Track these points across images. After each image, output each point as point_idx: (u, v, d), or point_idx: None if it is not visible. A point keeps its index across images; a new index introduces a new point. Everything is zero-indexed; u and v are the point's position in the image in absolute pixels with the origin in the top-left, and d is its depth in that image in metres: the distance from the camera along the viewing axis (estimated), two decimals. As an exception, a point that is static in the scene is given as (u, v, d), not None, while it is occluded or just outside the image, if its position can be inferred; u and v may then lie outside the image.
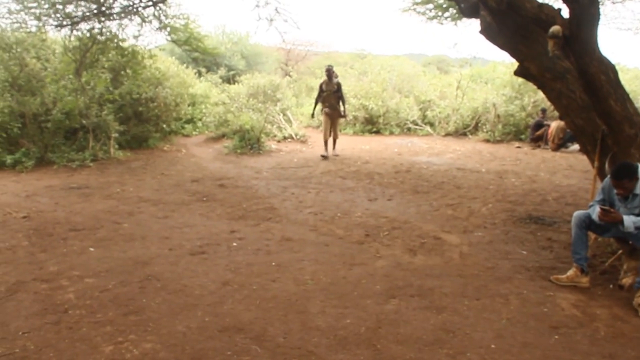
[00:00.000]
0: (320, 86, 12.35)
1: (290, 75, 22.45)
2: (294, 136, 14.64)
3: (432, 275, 5.07)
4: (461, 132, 16.29)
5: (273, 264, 5.28)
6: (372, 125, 16.77)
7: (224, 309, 4.27)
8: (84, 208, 7.47)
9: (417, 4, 11.20)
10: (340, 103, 12.24)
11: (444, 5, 10.95)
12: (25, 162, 10.52)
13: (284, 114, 15.57)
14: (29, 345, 3.75)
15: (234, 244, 5.93)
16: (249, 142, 12.68)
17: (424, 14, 11.49)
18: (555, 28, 4.96)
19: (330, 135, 12.37)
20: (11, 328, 4.00)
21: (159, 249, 5.73)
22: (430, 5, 11.20)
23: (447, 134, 16.34)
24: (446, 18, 11.39)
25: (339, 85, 12.13)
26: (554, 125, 13.50)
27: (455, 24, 11.63)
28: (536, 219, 7.01)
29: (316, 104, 12.52)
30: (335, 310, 4.22)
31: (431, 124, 16.99)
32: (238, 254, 5.57)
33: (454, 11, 10.83)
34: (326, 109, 12.18)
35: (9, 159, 10.49)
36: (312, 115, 13.81)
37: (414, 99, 17.79)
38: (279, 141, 14.18)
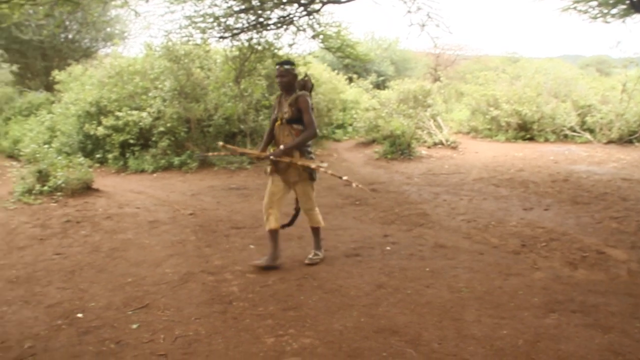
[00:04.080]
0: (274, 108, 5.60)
1: (440, 81, 22.19)
2: (444, 142, 14.44)
3: (596, 291, 4.76)
4: (626, 140, 15.06)
5: (427, 269, 5.26)
6: (525, 131, 16.07)
7: (378, 311, 4.33)
8: (243, 208, 7.91)
9: (578, 2, 10.61)
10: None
11: (611, 1, 10.24)
12: (190, 164, 11.37)
13: (434, 120, 15.41)
14: (201, 330, 4.06)
15: (388, 248, 5.98)
16: (399, 148, 12.70)
17: (586, 12, 10.84)
18: None
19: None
20: (185, 313, 4.37)
21: (315, 250, 5.93)
22: (594, 3, 10.54)
23: (610, 141, 15.20)
24: (613, 15, 10.64)
25: (302, 102, 5.20)
26: None
27: (624, 21, 10.82)
28: None
29: (265, 144, 5.58)
30: (491, 320, 4.12)
31: (591, 131, 15.90)
32: (392, 258, 5.62)
33: (623, 7, 10.10)
34: (269, 166, 5.47)
35: (176, 161, 11.41)
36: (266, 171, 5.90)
37: (572, 103, 16.74)
38: (429, 147, 14.07)
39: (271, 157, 5.23)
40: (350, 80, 20.55)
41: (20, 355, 3.81)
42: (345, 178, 5.43)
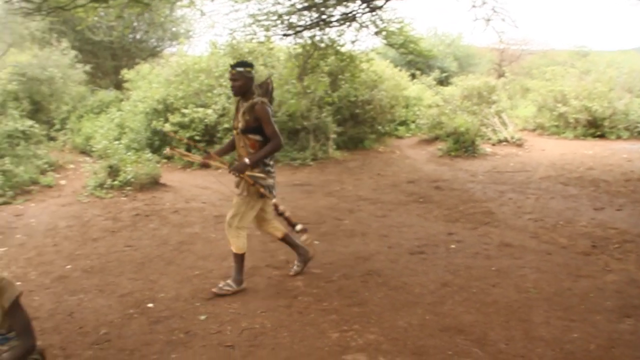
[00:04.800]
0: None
1: (504, 76, 21.68)
2: (509, 139, 14.10)
3: (675, 296, 4.58)
4: None
5: (493, 268, 5.18)
6: (595, 128, 15.47)
7: (444, 309, 4.30)
8: (308, 204, 7.99)
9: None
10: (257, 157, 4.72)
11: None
12: (254, 160, 11.52)
13: (499, 117, 15.08)
14: (266, 323, 4.15)
15: (452, 246, 5.92)
16: (463, 145, 12.51)
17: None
18: None
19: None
20: (251, 306, 4.47)
21: (379, 246, 5.94)
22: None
23: (689, 139, 14.52)
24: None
25: (260, 111, 4.66)
26: None
27: None
28: None
29: (223, 151, 5.37)
30: (560, 323, 4.02)
31: (668, 127, 15.20)
32: (457, 256, 5.56)
33: None
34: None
35: (240, 157, 11.58)
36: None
37: (648, 98, 16.03)
38: (493, 144, 13.78)
39: (231, 171, 4.66)
40: (413, 76, 20.36)
41: (97, 341, 4.00)
42: (299, 227, 4.96)
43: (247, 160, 4.61)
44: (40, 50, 16.61)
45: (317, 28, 11.16)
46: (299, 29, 11.06)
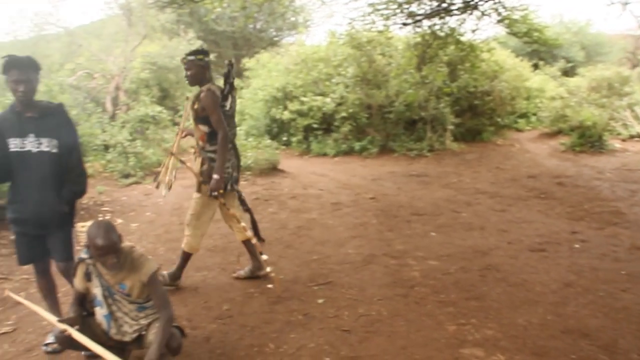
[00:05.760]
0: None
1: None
2: (642, 135, 13.21)
3: None
4: None
5: (622, 272, 4.90)
6: None
7: (566, 310, 4.14)
8: (424, 195, 7.93)
9: None
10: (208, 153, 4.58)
11: None
12: (370, 149, 11.61)
13: (632, 110, 14.13)
14: (383, 311, 4.19)
15: (576, 245, 5.67)
16: (589, 140, 11.85)
17: None
18: None
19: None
20: (367, 293, 4.53)
21: (498, 241, 5.80)
22: None
23: None
24: None
25: (205, 99, 4.36)
26: None
27: None
28: None
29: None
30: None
31: None
32: (581, 257, 5.32)
33: None
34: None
35: (357, 146, 11.71)
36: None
37: None
38: (624, 140, 12.94)
39: (211, 194, 4.43)
40: (536, 66, 19.53)
41: (220, 315, 4.22)
42: (264, 258, 4.66)
43: (215, 176, 4.37)
44: (169, 41, 17.56)
45: (437, 17, 11.02)
46: (418, 17, 10.97)
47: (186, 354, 3.55)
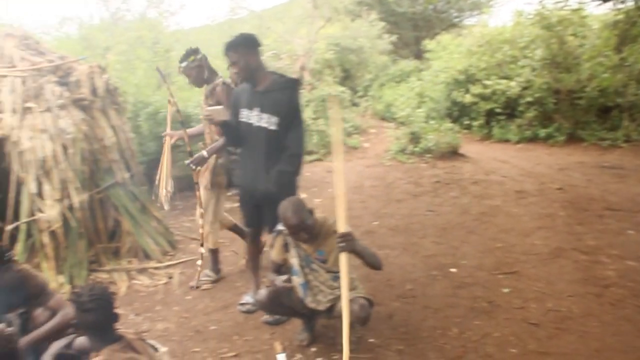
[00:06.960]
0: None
1: None
2: None
3: None
4: None
5: None
6: None
7: None
8: (619, 189, 7.29)
9: None
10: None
11: None
12: (556, 137, 10.93)
13: None
14: (573, 308, 3.97)
15: None
16: None
17: None
18: None
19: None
20: (556, 288, 4.32)
21: None
22: None
23: None
24: None
25: (221, 91, 4.38)
26: None
27: None
28: None
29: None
30: None
31: None
32: None
33: None
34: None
35: (542, 132, 11.08)
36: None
37: None
38: None
39: (188, 164, 4.29)
40: None
41: (403, 294, 4.28)
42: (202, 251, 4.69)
43: (204, 152, 4.22)
44: (351, 22, 17.85)
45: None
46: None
47: (369, 328, 3.65)
